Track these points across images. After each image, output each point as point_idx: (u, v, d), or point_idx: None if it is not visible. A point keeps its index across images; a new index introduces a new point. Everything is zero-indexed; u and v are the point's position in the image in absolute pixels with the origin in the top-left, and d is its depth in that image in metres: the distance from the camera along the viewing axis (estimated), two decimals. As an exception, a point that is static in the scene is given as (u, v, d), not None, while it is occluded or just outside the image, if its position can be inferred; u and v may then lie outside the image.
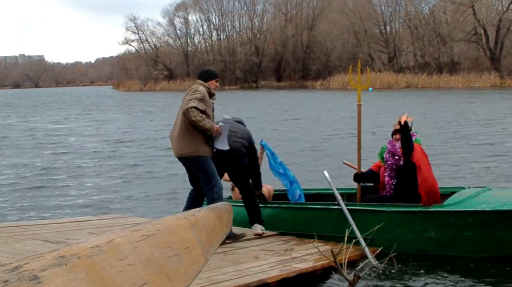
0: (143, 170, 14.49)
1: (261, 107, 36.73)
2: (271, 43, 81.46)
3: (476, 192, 6.86)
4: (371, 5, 72.81)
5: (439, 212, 6.51)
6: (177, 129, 6.91)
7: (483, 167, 13.37)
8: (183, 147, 6.84)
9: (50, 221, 8.41)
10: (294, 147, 17.68)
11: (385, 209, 6.74)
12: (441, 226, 6.51)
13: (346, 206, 6.93)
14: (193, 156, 6.85)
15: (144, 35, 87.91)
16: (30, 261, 2.31)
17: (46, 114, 39.02)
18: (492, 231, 6.33)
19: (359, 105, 7.42)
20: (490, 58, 61.00)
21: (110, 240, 2.82)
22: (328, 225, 7.05)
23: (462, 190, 7.15)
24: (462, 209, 6.40)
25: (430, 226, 6.55)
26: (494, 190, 7.23)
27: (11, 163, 16.45)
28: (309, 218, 7.26)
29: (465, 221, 6.39)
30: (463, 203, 6.51)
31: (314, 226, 7.05)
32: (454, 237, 6.48)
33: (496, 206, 6.29)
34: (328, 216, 7.13)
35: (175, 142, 6.94)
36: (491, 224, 6.31)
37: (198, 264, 3.68)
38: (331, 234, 6.85)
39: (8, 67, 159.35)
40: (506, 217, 6.24)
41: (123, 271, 2.73)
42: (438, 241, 6.53)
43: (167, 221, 3.73)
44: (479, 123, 23.00)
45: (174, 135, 6.98)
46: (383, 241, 6.35)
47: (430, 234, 6.55)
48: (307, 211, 7.32)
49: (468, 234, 6.41)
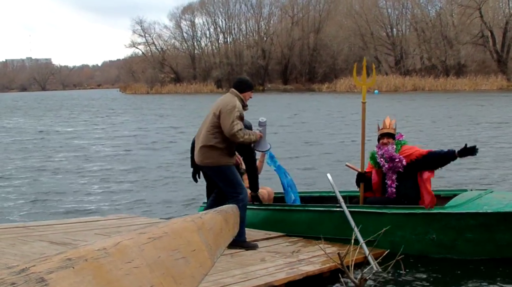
0: (156, 173, 14.46)
1: (269, 110, 36.74)
2: (277, 46, 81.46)
3: (478, 194, 6.85)
4: (378, 8, 72.74)
5: (440, 214, 6.50)
6: (201, 137, 6.78)
7: (487, 169, 13.35)
8: (206, 155, 6.72)
9: (57, 222, 8.42)
10: (300, 149, 17.67)
11: (386, 211, 6.74)
12: (443, 227, 6.50)
13: (348, 208, 6.94)
14: (215, 166, 6.73)
15: (151, 38, 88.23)
16: (37, 264, 2.31)
17: (55, 116, 39.14)
18: (493, 233, 6.32)
19: (364, 103, 7.42)
20: (497, 60, 60.85)
21: (117, 243, 2.83)
22: (330, 227, 7.04)
23: (464, 192, 7.14)
24: (464, 211, 6.40)
25: (432, 228, 6.55)
26: (497, 192, 7.22)
27: (21, 164, 16.51)
28: (311, 220, 7.26)
29: (466, 223, 6.39)
30: (464, 205, 6.51)
31: (317, 228, 7.07)
32: (456, 239, 6.48)
33: (498, 208, 6.29)
34: (330, 218, 7.13)
35: (198, 150, 6.80)
36: (492, 226, 6.31)
37: (205, 266, 3.68)
38: (333, 236, 6.85)
39: (15, 71, 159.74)
40: (507, 219, 6.23)
41: (129, 273, 2.73)
42: (439, 243, 6.53)
43: (173, 223, 3.73)
44: (486, 126, 22.93)
45: (198, 142, 6.87)
46: (385, 243, 6.33)
47: (432, 236, 6.54)
48: (309, 213, 7.31)
49: (469, 236, 6.41)
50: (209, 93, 73.73)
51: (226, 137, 6.62)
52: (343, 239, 6.70)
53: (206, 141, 6.70)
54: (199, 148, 6.79)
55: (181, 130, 25.52)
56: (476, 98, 41.73)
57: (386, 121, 7.41)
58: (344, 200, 7.21)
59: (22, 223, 8.41)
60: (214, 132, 6.67)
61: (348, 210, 6.90)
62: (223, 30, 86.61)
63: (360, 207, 7.09)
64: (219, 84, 79.10)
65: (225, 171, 6.75)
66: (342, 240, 6.72)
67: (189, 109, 40.92)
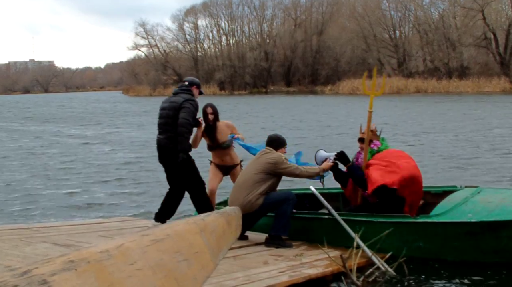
0: (160, 175, 14.44)
1: (272, 113, 36.75)
2: (280, 48, 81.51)
3: (465, 197, 6.84)
4: (381, 10, 72.74)
5: (426, 223, 6.55)
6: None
7: (485, 167, 13.55)
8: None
9: (61, 223, 8.44)
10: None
11: (373, 220, 6.74)
12: (429, 236, 6.55)
13: (334, 215, 6.96)
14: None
15: (154, 40, 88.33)
16: (40, 266, 2.31)
17: (61, 118, 39.21)
18: (479, 241, 6.34)
19: (370, 111, 7.26)
20: (500, 63, 60.75)
21: (120, 245, 2.83)
22: (321, 234, 7.00)
23: (453, 193, 7.16)
24: (448, 221, 6.43)
25: (418, 236, 6.59)
26: (485, 191, 7.17)
27: (26, 165, 16.54)
28: (300, 227, 7.26)
29: (452, 231, 6.44)
30: (450, 213, 6.53)
31: (306, 234, 7.15)
32: (442, 247, 6.52)
33: (482, 216, 6.31)
34: (319, 226, 7.13)
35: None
36: (477, 234, 6.33)
37: (207, 269, 3.68)
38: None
39: (18, 73, 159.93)
40: (491, 228, 6.25)
41: (132, 275, 2.74)
42: (426, 251, 6.56)
43: (176, 225, 3.73)
44: (488, 128, 22.93)
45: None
46: (374, 250, 6.33)
47: (419, 244, 6.58)
48: (299, 221, 7.28)
49: (455, 243, 6.44)
50: (211, 95, 73.80)
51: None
52: (334, 246, 6.71)
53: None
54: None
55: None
56: (478, 100, 41.71)
57: (362, 126, 7.39)
58: (337, 198, 7.43)
59: (26, 225, 8.42)
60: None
61: (335, 217, 6.91)
62: (226, 32, 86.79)
63: (347, 214, 7.03)
64: (221, 87, 79.16)
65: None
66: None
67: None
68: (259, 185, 6.98)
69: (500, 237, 6.25)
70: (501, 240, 6.26)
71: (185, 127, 7.54)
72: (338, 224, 6.85)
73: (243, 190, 7.00)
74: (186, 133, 7.58)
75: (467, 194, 6.98)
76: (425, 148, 17.60)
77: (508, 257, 6.31)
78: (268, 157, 7.10)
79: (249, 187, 6.98)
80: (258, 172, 7.02)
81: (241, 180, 7.18)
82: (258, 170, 7.03)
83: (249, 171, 7.16)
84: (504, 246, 6.27)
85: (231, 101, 55.05)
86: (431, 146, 17.98)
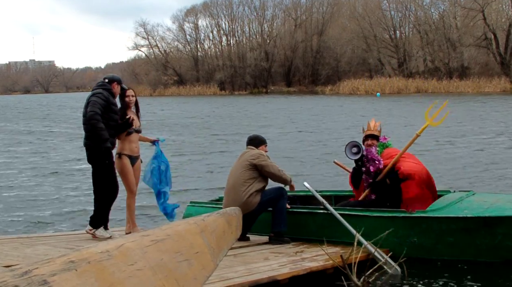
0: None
1: (272, 112, 36.76)
2: (280, 49, 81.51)
3: (460, 197, 6.84)
4: (381, 10, 72.75)
5: (421, 217, 6.52)
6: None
7: (478, 171, 13.59)
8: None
9: (61, 233, 8.40)
10: (301, 152, 17.68)
11: (368, 214, 6.76)
12: (424, 231, 6.53)
13: (330, 210, 6.98)
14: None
15: (154, 41, 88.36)
16: (40, 266, 2.31)
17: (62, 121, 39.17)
18: (474, 237, 6.33)
19: (418, 135, 7.54)
20: (500, 63, 60.76)
21: (120, 245, 2.83)
22: (313, 229, 7.07)
23: (446, 195, 7.15)
24: (444, 215, 6.42)
25: (413, 231, 6.56)
26: (478, 194, 7.17)
27: (26, 173, 16.45)
28: (296, 222, 7.27)
29: (447, 226, 6.42)
30: (445, 209, 6.52)
31: (301, 230, 7.17)
32: (436, 243, 6.50)
33: (478, 212, 6.30)
34: (313, 220, 7.15)
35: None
36: (472, 230, 6.31)
37: (208, 269, 3.68)
38: (317, 238, 6.80)
39: (18, 73, 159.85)
40: (487, 224, 6.23)
41: (132, 276, 2.74)
42: (421, 246, 6.54)
43: (176, 226, 3.73)
44: (488, 128, 22.92)
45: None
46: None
47: (413, 239, 6.55)
48: (293, 215, 7.30)
49: (450, 239, 6.42)
50: (212, 96, 73.78)
51: None
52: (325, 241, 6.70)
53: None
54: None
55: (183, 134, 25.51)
56: (479, 101, 41.69)
57: (371, 123, 7.51)
58: (330, 200, 7.50)
59: (26, 235, 8.36)
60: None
61: (331, 211, 6.92)
62: (226, 33, 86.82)
63: (342, 209, 7.06)
64: (222, 87, 79.16)
65: None
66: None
67: (192, 112, 40.90)
68: (251, 181, 7.17)
69: (495, 233, 6.25)
70: (496, 237, 6.25)
71: (94, 119, 7.11)
72: (334, 219, 6.86)
73: (238, 190, 7.15)
74: (97, 124, 7.12)
75: (462, 195, 7.00)
76: (417, 148, 17.54)
77: (503, 255, 6.31)
78: (250, 153, 7.32)
79: (242, 185, 7.14)
80: (244, 169, 7.22)
81: (231, 182, 7.33)
82: (244, 167, 7.23)
83: (235, 172, 7.33)
84: (498, 243, 6.26)
85: (231, 101, 55.05)
86: (425, 147, 17.92)
